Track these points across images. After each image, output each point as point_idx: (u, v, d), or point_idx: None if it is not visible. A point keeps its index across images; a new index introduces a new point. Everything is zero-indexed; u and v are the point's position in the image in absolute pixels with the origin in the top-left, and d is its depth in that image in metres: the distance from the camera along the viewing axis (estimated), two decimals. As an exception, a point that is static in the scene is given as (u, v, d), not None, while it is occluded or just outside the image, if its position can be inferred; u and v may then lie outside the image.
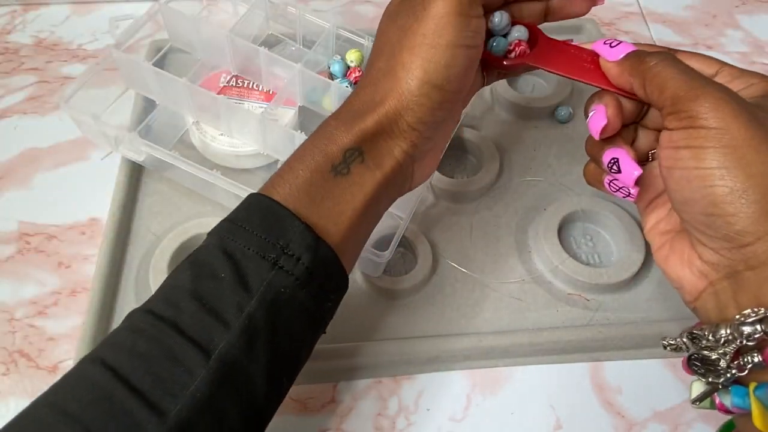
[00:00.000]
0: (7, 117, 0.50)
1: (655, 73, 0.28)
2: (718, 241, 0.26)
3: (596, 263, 0.42)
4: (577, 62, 0.33)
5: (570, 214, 0.43)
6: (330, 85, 0.43)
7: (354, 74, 0.46)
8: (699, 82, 0.26)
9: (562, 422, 0.37)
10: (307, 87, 0.44)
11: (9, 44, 0.56)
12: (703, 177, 0.25)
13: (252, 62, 0.44)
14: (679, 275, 0.28)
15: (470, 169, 0.47)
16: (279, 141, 0.41)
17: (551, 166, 0.47)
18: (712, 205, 0.25)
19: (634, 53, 0.29)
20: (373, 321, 0.39)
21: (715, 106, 0.25)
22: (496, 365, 0.39)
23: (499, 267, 0.42)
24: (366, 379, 0.38)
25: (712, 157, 0.25)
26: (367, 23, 0.58)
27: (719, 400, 0.27)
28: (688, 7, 0.60)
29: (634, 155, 0.29)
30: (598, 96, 0.31)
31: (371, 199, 0.29)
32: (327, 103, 0.45)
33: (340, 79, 0.46)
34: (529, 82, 0.53)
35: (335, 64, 0.46)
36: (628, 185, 0.30)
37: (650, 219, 0.31)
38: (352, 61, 0.46)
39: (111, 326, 0.39)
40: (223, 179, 0.39)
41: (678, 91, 0.26)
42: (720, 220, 0.25)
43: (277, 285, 0.26)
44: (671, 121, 0.27)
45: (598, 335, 0.38)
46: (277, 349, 0.26)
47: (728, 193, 0.25)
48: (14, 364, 0.38)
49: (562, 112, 0.49)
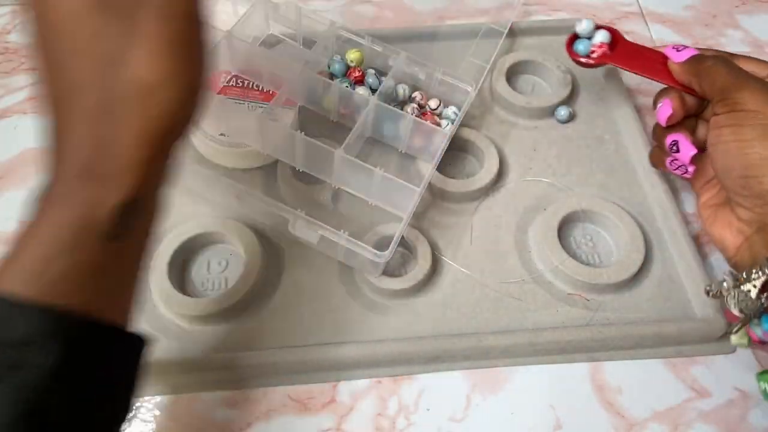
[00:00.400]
0: (7, 117, 0.50)
1: (709, 71, 0.36)
2: (752, 200, 0.34)
3: (596, 263, 0.42)
4: (649, 63, 0.41)
5: (570, 214, 0.43)
6: (330, 85, 0.43)
7: (354, 74, 0.46)
8: (743, 77, 0.35)
9: (562, 422, 0.37)
10: (307, 87, 0.44)
11: (9, 44, 0.56)
12: (741, 147, 0.33)
13: (252, 63, 0.44)
14: (721, 235, 0.36)
15: (470, 169, 0.47)
16: (279, 141, 0.41)
17: (551, 166, 0.47)
18: (747, 168, 0.33)
19: (696, 56, 0.38)
20: (373, 321, 0.39)
21: (753, 94, 0.33)
22: (496, 365, 0.39)
23: (499, 267, 0.42)
24: (366, 379, 0.38)
25: (748, 131, 0.33)
26: (368, 23, 0.58)
27: (753, 334, 0.33)
28: (688, 7, 0.60)
29: (691, 139, 0.38)
30: (665, 91, 0.40)
31: None
32: (327, 102, 0.45)
33: (340, 78, 0.46)
34: (529, 82, 0.53)
35: (335, 64, 0.46)
36: (685, 163, 0.39)
37: (703, 196, 0.39)
38: (352, 61, 0.46)
39: (111, 326, 0.39)
40: (225, 179, 0.39)
41: (726, 83, 0.35)
42: (753, 180, 0.33)
43: None
44: (719, 107, 0.35)
45: (598, 335, 0.38)
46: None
47: (759, 159, 0.33)
48: (14, 364, 0.38)
49: (561, 112, 0.49)
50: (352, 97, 0.44)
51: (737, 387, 0.38)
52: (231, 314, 0.39)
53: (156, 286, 0.39)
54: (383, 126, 0.44)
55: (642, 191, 0.46)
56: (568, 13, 0.59)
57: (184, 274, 0.41)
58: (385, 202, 0.42)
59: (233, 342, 0.38)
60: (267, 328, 0.39)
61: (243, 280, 0.39)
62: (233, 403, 0.37)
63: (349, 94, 0.44)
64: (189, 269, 0.41)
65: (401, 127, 0.44)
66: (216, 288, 0.40)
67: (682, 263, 0.41)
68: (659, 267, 0.42)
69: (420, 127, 0.43)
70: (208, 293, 0.40)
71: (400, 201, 0.40)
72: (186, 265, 0.41)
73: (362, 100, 0.43)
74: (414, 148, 0.45)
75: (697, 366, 0.39)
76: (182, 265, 0.41)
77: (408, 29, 0.56)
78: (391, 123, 0.44)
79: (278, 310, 0.40)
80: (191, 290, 0.40)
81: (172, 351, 0.38)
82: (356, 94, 0.44)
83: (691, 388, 0.38)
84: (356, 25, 0.48)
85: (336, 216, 0.43)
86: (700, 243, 0.44)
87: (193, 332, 0.39)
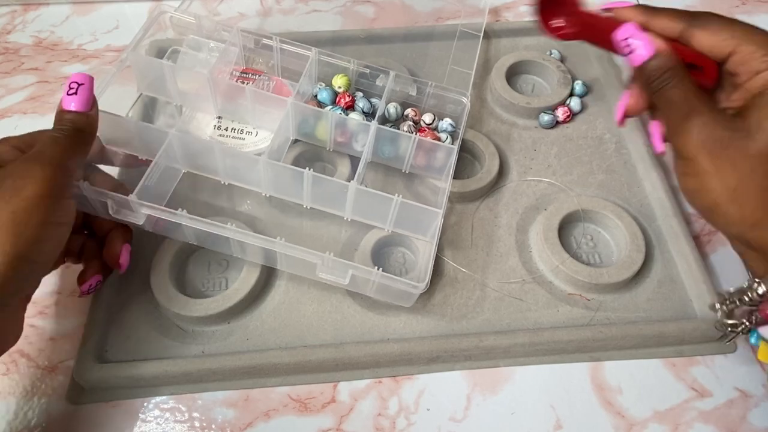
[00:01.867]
0: (7, 117, 0.50)
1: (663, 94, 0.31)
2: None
3: (597, 263, 0.42)
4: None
5: (570, 214, 0.43)
6: (321, 114, 0.42)
7: (344, 100, 0.45)
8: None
9: (562, 422, 0.37)
10: (299, 119, 0.43)
11: (9, 44, 0.56)
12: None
13: (237, 101, 0.43)
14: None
15: (470, 170, 0.47)
16: (285, 180, 0.40)
17: (552, 166, 0.47)
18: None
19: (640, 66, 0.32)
20: (374, 321, 0.39)
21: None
22: (496, 365, 0.39)
23: (500, 267, 0.42)
24: (366, 380, 0.38)
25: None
26: (368, 23, 0.58)
27: None
28: (688, 6, 0.60)
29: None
30: None
31: None
32: (321, 132, 0.43)
33: (331, 107, 0.45)
34: (529, 82, 0.53)
35: (322, 92, 0.45)
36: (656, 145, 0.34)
37: None
38: (340, 87, 0.45)
39: (111, 326, 0.39)
40: (232, 229, 0.36)
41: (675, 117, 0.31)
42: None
43: None
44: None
45: (599, 335, 0.38)
46: None
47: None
48: (14, 364, 0.38)
49: (545, 118, 0.49)
50: (347, 124, 0.43)
51: (737, 387, 0.38)
52: (231, 315, 0.39)
53: (157, 287, 0.39)
54: (383, 149, 0.43)
55: (642, 191, 0.46)
56: (568, 12, 0.59)
57: (185, 275, 0.41)
58: (406, 228, 0.41)
59: (234, 343, 0.38)
60: (267, 328, 0.39)
61: (243, 281, 0.39)
62: (233, 403, 0.37)
63: (344, 121, 0.42)
64: (189, 270, 0.41)
65: (401, 148, 0.43)
66: (216, 289, 0.40)
67: (683, 263, 0.41)
68: (660, 267, 0.42)
69: (422, 145, 0.42)
70: (209, 294, 0.40)
71: (420, 225, 0.39)
72: (186, 265, 0.41)
73: (359, 126, 0.42)
74: (418, 167, 0.44)
75: (697, 366, 0.39)
76: (183, 265, 0.41)
77: (375, 33, 0.55)
78: (391, 144, 0.43)
79: (278, 311, 0.40)
80: (192, 291, 0.40)
81: (173, 352, 0.38)
82: (350, 120, 0.42)
83: (691, 388, 0.38)
84: (356, 25, 0.47)
85: (350, 247, 0.42)
86: (701, 242, 0.44)
87: (193, 333, 0.39)
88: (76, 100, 0.33)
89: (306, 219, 0.43)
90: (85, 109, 0.34)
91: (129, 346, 0.38)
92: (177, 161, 0.40)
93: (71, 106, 0.33)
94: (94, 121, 0.35)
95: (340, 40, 0.54)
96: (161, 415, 0.37)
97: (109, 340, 0.38)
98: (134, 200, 0.36)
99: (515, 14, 0.59)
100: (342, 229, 0.43)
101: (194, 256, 0.42)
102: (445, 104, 0.47)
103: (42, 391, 0.37)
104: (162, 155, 0.38)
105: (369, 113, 0.45)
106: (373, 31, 0.55)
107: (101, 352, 0.38)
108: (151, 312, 0.39)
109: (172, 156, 0.39)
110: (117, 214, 0.36)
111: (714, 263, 0.43)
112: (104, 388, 0.37)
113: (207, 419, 0.37)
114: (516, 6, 0.60)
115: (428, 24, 0.58)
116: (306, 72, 0.44)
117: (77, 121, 0.33)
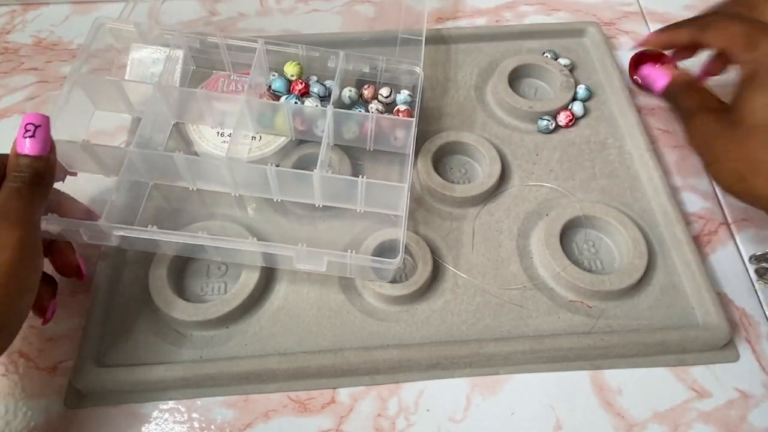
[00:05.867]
0: (7, 117, 0.50)
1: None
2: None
3: (598, 270, 0.42)
4: None
5: (572, 219, 0.43)
6: (277, 107, 0.42)
7: (298, 87, 0.44)
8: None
9: (562, 423, 0.36)
10: (257, 114, 0.43)
11: (9, 44, 0.56)
12: None
13: (189, 106, 0.43)
14: None
15: (471, 174, 0.47)
16: (252, 179, 0.40)
17: (553, 171, 0.47)
18: None
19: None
20: (374, 327, 0.39)
21: None
22: (497, 372, 0.38)
23: (501, 273, 0.42)
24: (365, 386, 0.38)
25: None
26: (368, 23, 0.58)
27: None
28: (688, 6, 0.60)
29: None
30: None
31: None
32: (280, 123, 0.43)
33: (286, 96, 0.44)
34: (531, 86, 0.52)
35: (275, 82, 0.45)
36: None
37: None
38: (293, 75, 0.45)
39: (111, 327, 0.39)
40: (204, 237, 0.36)
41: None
42: None
43: None
44: None
45: (600, 343, 0.38)
46: None
47: None
48: (13, 365, 0.38)
49: (542, 123, 0.49)
50: (304, 112, 0.42)
51: (737, 388, 0.38)
52: (229, 320, 0.39)
53: (155, 291, 0.38)
54: (343, 131, 0.43)
55: (645, 196, 0.45)
56: (568, 13, 0.59)
57: (183, 279, 0.41)
58: (376, 206, 0.41)
59: (232, 348, 0.38)
60: (266, 333, 0.39)
61: (242, 286, 0.39)
62: (232, 404, 0.37)
63: (300, 109, 0.42)
64: (188, 274, 0.41)
65: (362, 127, 0.43)
66: (215, 293, 0.40)
67: (685, 270, 0.41)
68: (662, 274, 0.42)
69: (381, 122, 0.42)
70: (207, 298, 0.40)
71: (390, 202, 0.40)
72: (185, 270, 0.41)
73: (316, 112, 0.42)
74: (381, 144, 0.44)
75: (697, 366, 0.39)
76: (181, 270, 0.41)
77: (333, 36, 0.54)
78: (351, 125, 0.43)
79: (277, 316, 0.39)
80: (190, 295, 0.40)
81: (171, 356, 0.38)
82: (306, 107, 0.42)
83: (691, 389, 0.38)
84: (356, 25, 0.47)
85: (329, 234, 0.43)
86: (701, 243, 0.44)
87: (191, 337, 0.38)
88: (32, 143, 0.31)
89: (318, 220, 0.44)
90: (44, 153, 0.32)
91: (127, 351, 0.38)
92: (141, 175, 0.40)
93: (28, 150, 0.31)
94: (54, 165, 0.33)
95: (337, 43, 0.53)
96: (160, 416, 0.37)
97: (107, 344, 0.38)
98: (104, 224, 0.35)
99: (515, 14, 0.59)
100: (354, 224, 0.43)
101: (193, 261, 0.41)
102: (401, 76, 0.46)
103: (41, 392, 0.37)
104: (124, 172, 0.38)
105: (325, 96, 0.45)
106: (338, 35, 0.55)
107: (99, 356, 0.37)
108: (149, 316, 0.39)
109: (134, 171, 0.39)
110: (91, 239, 0.36)
111: (714, 263, 0.43)
112: (102, 392, 0.37)
113: (206, 420, 0.36)
114: (516, 6, 0.59)
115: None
116: (255, 63, 0.43)
117: (36, 167, 0.31)
